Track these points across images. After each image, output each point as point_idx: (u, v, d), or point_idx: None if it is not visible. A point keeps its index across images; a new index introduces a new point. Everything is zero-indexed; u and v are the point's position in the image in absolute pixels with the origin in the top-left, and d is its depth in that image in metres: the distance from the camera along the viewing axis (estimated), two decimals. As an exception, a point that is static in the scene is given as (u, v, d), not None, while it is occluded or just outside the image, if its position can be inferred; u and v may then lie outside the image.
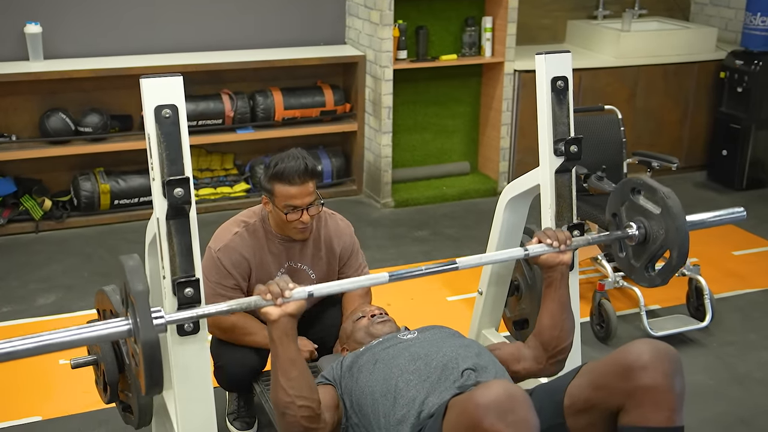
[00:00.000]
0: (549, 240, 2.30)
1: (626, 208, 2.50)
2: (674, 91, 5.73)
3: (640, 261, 2.47)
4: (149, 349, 1.81)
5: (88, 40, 4.83)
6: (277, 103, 5.05)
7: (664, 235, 2.36)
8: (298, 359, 2.06)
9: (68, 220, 4.77)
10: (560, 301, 2.31)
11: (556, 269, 2.31)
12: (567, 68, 2.51)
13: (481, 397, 1.66)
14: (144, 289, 1.84)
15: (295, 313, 2.03)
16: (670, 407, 1.77)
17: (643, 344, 1.84)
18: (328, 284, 2.19)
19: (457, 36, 5.32)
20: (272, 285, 2.02)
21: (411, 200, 5.28)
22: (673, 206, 2.33)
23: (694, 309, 3.84)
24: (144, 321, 1.81)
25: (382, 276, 2.21)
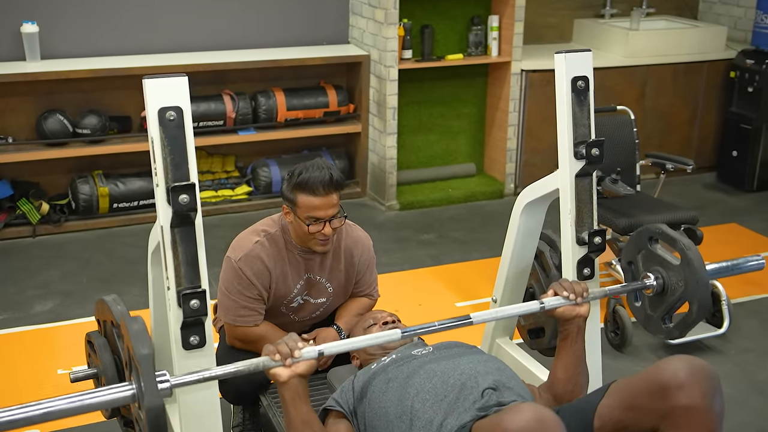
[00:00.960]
0: (566, 292, 2.21)
1: (643, 256, 2.43)
2: (684, 90, 5.63)
3: (657, 312, 2.40)
4: (154, 417, 1.74)
5: (87, 40, 4.72)
6: (280, 104, 4.95)
7: (684, 288, 2.29)
8: (312, 420, 1.99)
9: (66, 224, 4.66)
10: (576, 354, 2.22)
11: (573, 322, 2.22)
12: (588, 68, 2.42)
13: (510, 422, 1.56)
14: (149, 352, 1.75)
15: (305, 374, 1.95)
16: (710, 429, 1.67)
17: (678, 361, 1.73)
18: (339, 343, 2.11)
19: (463, 35, 5.22)
20: (281, 345, 1.94)
21: (416, 203, 5.17)
22: (693, 259, 2.26)
23: (710, 315, 3.74)
24: (148, 386, 1.74)
25: (395, 333, 2.12)
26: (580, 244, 2.45)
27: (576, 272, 2.47)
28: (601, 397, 1.83)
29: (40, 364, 3.42)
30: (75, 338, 3.60)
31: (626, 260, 2.50)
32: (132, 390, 1.80)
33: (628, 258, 2.49)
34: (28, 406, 1.75)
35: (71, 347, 3.51)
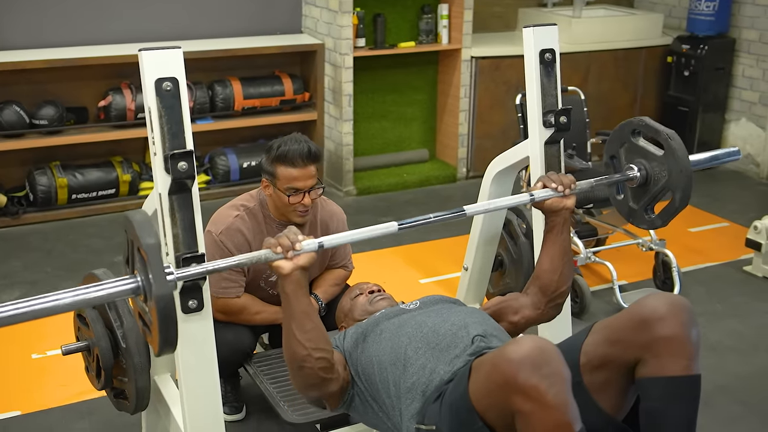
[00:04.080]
0: (554, 184, 2.29)
1: (625, 150, 2.48)
2: (624, 75, 5.87)
3: (639, 203, 2.46)
4: (164, 305, 1.73)
5: (41, 31, 4.70)
6: (237, 93, 5.00)
7: (667, 177, 2.34)
8: (312, 312, 2.03)
9: (25, 216, 4.63)
10: (561, 245, 2.31)
11: (559, 214, 2.30)
12: (554, 41, 2.55)
13: (513, 352, 1.67)
14: (156, 242, 1.74)
15: (306, 266, 1.99)
16: (688, 356, 1.81)
17: (658, 297, 1.88)
18: (338, 236, 2.13)
19: (414, 23, 5.34)
20: (282, 238, 1.97)
21: (373, 188, 5.29)
22: (677, 148, 2.31)
23: (661, 282, 3.94)
24: (157, 275, 1.73)
25: (392, 225, 2.17)
26: (550, 207, 2.59)
27: (546, 234, 2.61)
28: (585, 336, 1.96)
29: (14, 350, 3.42)
30: (46, 324, 3.59)
31: (608, 154, 2.54)
32: (136, 283, 1.79)
33: (611, 152, 2.52)
34: (32, 299, 1.70)
35: (43, 333, 3.52)
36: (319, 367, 2.02)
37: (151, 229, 1.78)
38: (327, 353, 2.04)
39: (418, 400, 2.03)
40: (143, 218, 1.80)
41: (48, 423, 2.96)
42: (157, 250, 1.75)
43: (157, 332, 1.78)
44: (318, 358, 2.02)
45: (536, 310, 2.33)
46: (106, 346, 2.39)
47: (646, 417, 1.85)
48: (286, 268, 1.97)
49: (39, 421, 2.97)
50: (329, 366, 2.05)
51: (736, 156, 2.69)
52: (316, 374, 2.03)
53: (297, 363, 2.03)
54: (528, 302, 2.34)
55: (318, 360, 2.02)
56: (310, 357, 2.01)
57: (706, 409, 3.04)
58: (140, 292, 1.81)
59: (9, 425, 2.94)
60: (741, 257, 4.35)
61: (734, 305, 3.90)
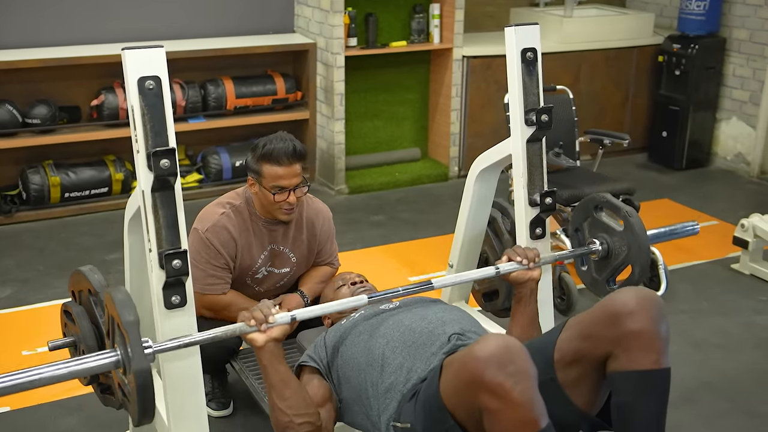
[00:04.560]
0: (519, 258, 2.38)
1: (589, 224, 2.62)
2: (615, 75, 5.90)
3: (602, 275, 2.59)
4: (142, 379, 1.82)
5: (35, 30, 4.73)
6: (229, 92, 5.03)
7: (627, 252, 2.49)
8: (290, 378, 2.09)
9: (18, 214, 4.66)
10: (530, 315, 2.39)
11: (526, 285, 2.39)
12: (536, 40, 2.58)
13: (479, 350, 1.70)
14: (135, 319, 1.84)
15: (280, 338, 2.07)
16: (657, 350, 1.85)
17: (628, 292, 1.91)
18: (311, 308, 2.22)
19: (405, 23, 5.37)
20: (255, 311, 2.05)
21: (365, 186, 5.31)
22: (635, 225, 2.46)
23: (648, 280, 3.97)
24: (136, 351, 1.82)
25: (362, 299, 2.27)
26: (533, 205, 2.63)
27: (529, 232, 2.64)
28: (559, 332, 1.99)
29: (4, 347, 3.45)
30: (37, 322, 3.64)
31: (573, 227, 2.68)
32: (116, 356, 1.88)
33: (575, 225, 2.67)
34: (13, 374, 1.82)
35: (34, 330, 3.55)
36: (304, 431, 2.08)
37: (131, 306, 1.87)
38: (310, 416, 2.10)
39: (396, 400, 2.06)
40: (124, 297, 1.89)
41: (37, 418, 2.98)
42: (136, 327, 1.84)
43: (135, 404, 1.85)
44: (300, 423, 2.08)
45: None
46: (92, 342, 2.41)
47: (617, 411, 1.88)
48: (260, 340, 2.05)
49: (28, 416, 2.99)
50: (313, 429, 2.10)
51: (694, 230, 2.82)
52: None
53: (281, 429, 2.10)
54: None
55: (301, 425, 2.08)
56: (292, 423, 2.07)
57: (691, 406, 3.10)
58: (120, 366, 1.90)
59: (-2, 421, 2.98)
60: (729, 255, 4.38)
61: (721, 303, 3.92)
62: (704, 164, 5.98)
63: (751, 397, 3.16)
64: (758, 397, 3.16)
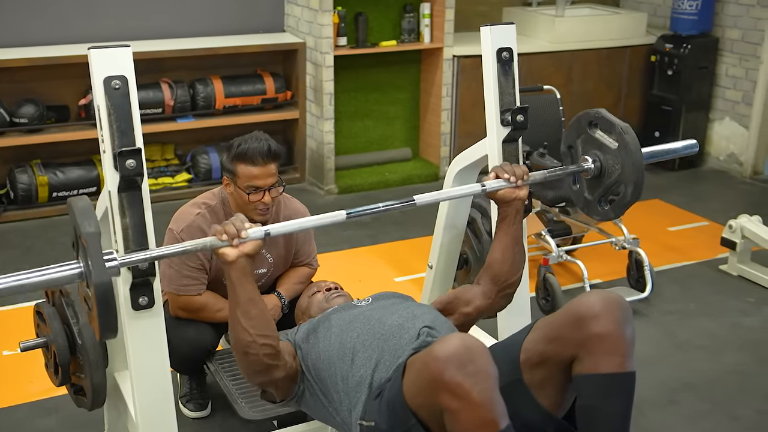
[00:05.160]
0: (506, 175, 2.31)
1: (582, 141, 2.49)
2: (608, 74, 5.87)
3: (594, 194, 2.48)
4: (102, 292, 1.77)
5: (22, 29, 4.72)
6: (218, 92, 5.02)
7: (620, 170, 2.36)
8: (257, 298, 2.04)
9: (5, 213, 4.66)
10: (513, 235, 2.33)
11: (511, 204, 2.32)
12: (511, 39, 2.57)
13: (440, 350, 1.69)
14: (95, 230, 1.79)
15: (252, 253, 2.01)
16: (622, 353, 1.82)
17: (593, 295, 1.89)
18: (285, 224, 2.15)
19: (396, 22, 5.36)
20: (228, 225, 1.99)
21: (354, 186, 5.30)
22: (630, 142, 2.33)
23: (635, 281, 3.95)
24: (96, 262, 1.77)
25: (340, 214, 2.19)
26: (508, 206, 2.60)
27: (505, 233, 2.62)
28: (526, 333, 1.98)
29: (-14, 346, 3.45)
30: (20, 321, 3.62)
31: (566, 144, 2.55)
32: (80, 268, 1.83)
33: (568, 142, 2.54)
34: None
35: (17, 330, 3.53)
36: (264, 353, 2.04)
37: (92, 216, 1.82)
38: (272, 340, 2.05)
39: (365, 394, 2.04)
40: (85, 205, 1.84)
41: (14, 419, 2.97)
42: (96, 237, 1.79)
43: (96, 318, 1.81)
44: (262, 344, 2.03)
45: (487, 300, 2.35)
46: (63, 343, 2.41)
47: (582, 414, 1.86)
48: (231, 255, 1.99)
49: (5, 417, 2.99)
50: (274, 353, 2.06)
51: (693, 149, 2.69)
52: (260, 360, 2.05)
53: (242, 349, 2.05)
54: (479, 292, 2.36)
55: (262, 346, 2.03)
56: (254, 343, 2.02)
57: (671, 407, 3.08)
58: (83, 278, 1.85)
59: (-25, 421, 2.97)
60: (717, 256, 4.36)
61: (707, 304, 3.90)
62: (697, 164, 5.95)
63: (732, 398, 3.14)
64: (740, 399, 3.14)
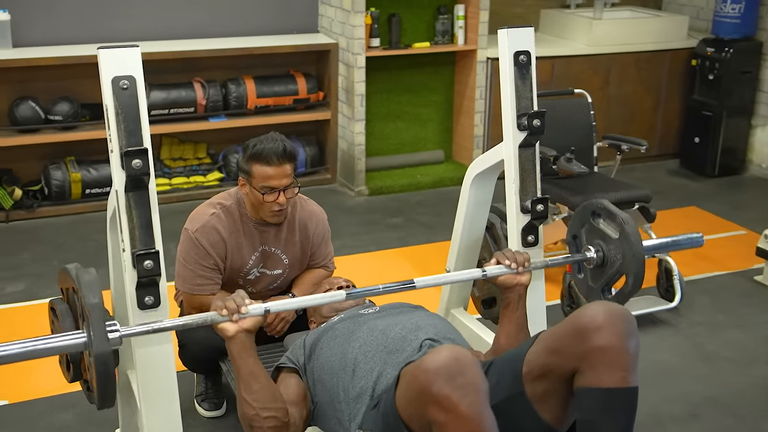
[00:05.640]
0: (507, 261, 2.31)
1: (586, 230, 2.51)
2: (647, 78, 5.77)
3: (597, 283, 2.49)
4: (102, 364, 1.82)
5: (58, 28, 4.80)
6: (250, 92, 5.04)
7: (621, 261, 2.37)
8: (259, 372, 2.06)
9: (39, 209, 4.74)
10: (517, 322, 2.31)
11: (513, 290, 2.32)
12: (529, 43, 2.52)
13: (429, 362, 1.66)
14: (97, 302, 1.84)
15: (251, 329, 2.04)
16: (625, 368, 1.77)
17: (597, 306, 1.84)
18: (285, 301, 2.20)
19: (429, 24, 5.33)
20: (228, 301, 2.03)
21: (385, 188, 5.28)
22: (630, 233, 2.33)
23: (664, 290, 3.86)
24: (97, 333, 1.81)
25: (340, 294, 2.21)
26: (524, 212, 2.56)
27: (521, 239, 2.57)
28: (530, 345, 1.93)
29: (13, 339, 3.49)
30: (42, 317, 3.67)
31: (571, 234, 2.58)
32: (84, 338, 1.88)
33: (573, 232, 2.57)
34: None
35: (43, 324, 3.58)
36: (268, 426, 2.06)
37: (95, 288, 1.87)
38: (276, 411, 2.07)
39: (365, 405, 2.02)
40: (90, 278, 1.90)
41: (33, 413, 3.01)
42: (98, 309, 1.84)
43: (96, 388, 1.84)
44: (266, 417, 2.05)
45: None
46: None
47: (581, 429, 1.81)
48: (231, 330, 2.03)
49: (24, 411, 3.03)
50: (279, 425, 2.08)
51: (698, 243, 2.63)
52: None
53: (247, 422, 2.07)
54: None
55: (266, 419, 2.05)
56: (258, 416, 2.04)
57: (692, 421, 3.01)
58: (88, 348, 1.90)
59: (-6, 414, 3.02)
60: (753, 266, 4.24)
61: (738, 315, 3.80)
62: (738, 172, 5.81)
63: (758, 413, 3.05)
64: (765, 414, 3.05)
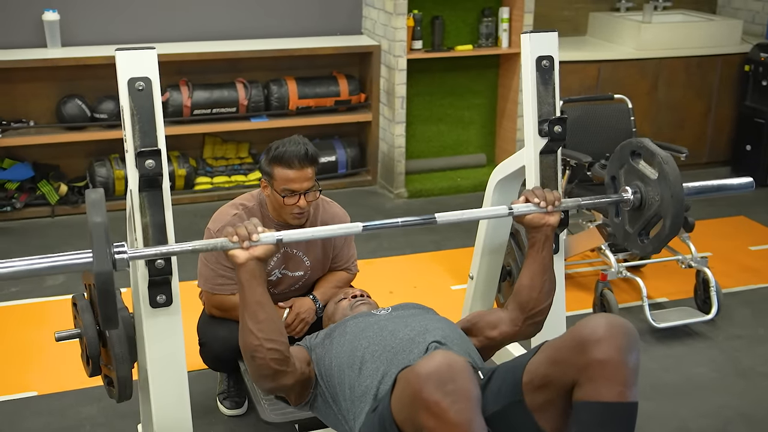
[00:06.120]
0: (537, 199, 2.24)
1: (625, 171, 2.39)
2: (697, 84, 5.63)
3: (634, 227, 2.37)
4: (102, 282, 1.80)
5: (105, 28, 4.90)
6: (291, 92, 5.07)
7: (659, 202, 2.24)
8: (266, 303, 2.04)
9: (83, 205, 4.84)
10: (542, 262, 2.25)
11: (540, 230, 2.25)
12: (552, 47, 2.48)
13: (422, 367, 1.65)
14: (101, 221, 1.83)
15: (262, 257, 2.02)
16: (623, 382, 1.72)
17: (598, 318, 1.79)
18: (299, 231, 2.17)
19: (473, 26, 5.29)
20: (240, 228, 2.01)
21: (425, 191, 5.26)
22: (670, 172, 2.20)
23: (702, 302, 3.77)
24: (98, 252, 1.80)
25: (356, 226, 2.16)
26: (544, 219, 2.52)
27: (541, 247, 2.54)
28: (532, 354, 1.90)
29: (48, 332, 3.58)
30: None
31: (609, 175, 2.46)
32: (90, 258, 1.87)
33: (612, 173, 2.44)
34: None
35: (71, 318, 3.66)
36: (270, 357, 2.03)
37: (101, 208, 1.85)
38: (280, 344, 2.05)
39: (369, 405, 2.02)
40: (96, 196, 1.87)
41: (60, 405, 3.08)
42: (101, 228, 1.83)
43: (98, 307, 1.84)
44: (269, 348, 2.03)
45: (514, 327, 2.29)
46: (93, 335, 2.47)
47: (578, 442, 1.77)
48: (241, 257, 2.01)
49: (52, 402, 3.10)
50: (282, 358, 2.05)
51: (749, 187, 2.48)
52: (267, 365, 2.04)
53: (249, 352, 2.05)
54: (506, 318, 2.29)
55: (269, 351, 2.03)
56: (261, 347, 2.02)
57: (722, 437, 2.92)
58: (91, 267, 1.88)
59: (24, 405, 3.09)
60: (800, 280, 4.12)
61: (780, 330, 3.69)
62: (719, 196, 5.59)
63: (791, 433, 2.95)
64: (799, 434, 2.95)
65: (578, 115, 4.04)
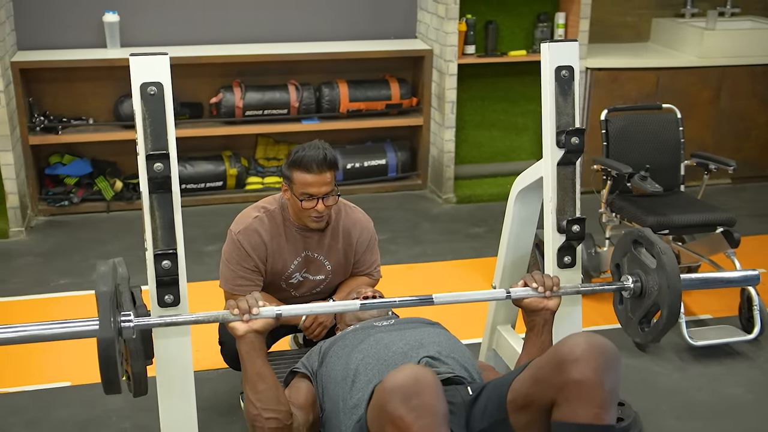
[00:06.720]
0: (535, 284, 2.24)
1: (628, 259, 2.40)
2: (762, 93, 5.43)
3: (635, 315, 2.37)
4: (103, 348, 1.89)
5: (163, 29, 5.02)
6: (343, 95, 5.10)
7: (657, 292, 2.25)
8: (266, 374, 2.09)
9: (137, 201, 4.98)
10: (541, 347, 2.23)
11: (539, 314, 2.24)
12: (573, 58, 2.44)
13: (389, 380, 1.65)
14: (107, 290, 1.91)
15: (261, 330, 2.08)
16: (599, 404, 1.68)
17: (578, 337, 1.75)
18: (297, 306, 2.20)
19: (528, 32, 5.23)
20: (241, 301, 2.07)
21: (473, 197, 5.22)
22: (666, 263, 2.20)
23: (746, 320, 3.64)
24: (103, 320, 1.89)
25: (354, 303, 2.21)
26: (560, 231, 2.48)
27: (556, 260, 2.50)
28: (519, 372, 1.87)
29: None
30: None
31: (614, 262, 2.48)
32: (96, 326, 1.95)
33: (616, 260, 2.47)
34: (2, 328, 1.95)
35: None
36: (269, 427, 2.09)
37: (108, 278, 1.94)
38: (279, 413, 2.09)
39: (358, 417, 2.02)
40: (105, 269, 1.97)
41: (90, 396, 3.18)
42: (106, 297, 1.91)
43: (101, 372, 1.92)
44: (267, 418, 2.08)
45: None
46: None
47: (555, 463, 1.74)
48: (241, 330, 2.07)
49: (83, 393, 3.20)
50: (280, 426, 2.10)
51: (753, 281, 2.42)
52: None
53: (250, 421, 2.12)
54: None
55: (268, 420, 2.08)
56: (260, 416, 2.08)
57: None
58: None
59: (57, 394, 3.20)
60: None
61: (826, 353, 3.53)
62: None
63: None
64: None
65: (624, 125, 3.95)
